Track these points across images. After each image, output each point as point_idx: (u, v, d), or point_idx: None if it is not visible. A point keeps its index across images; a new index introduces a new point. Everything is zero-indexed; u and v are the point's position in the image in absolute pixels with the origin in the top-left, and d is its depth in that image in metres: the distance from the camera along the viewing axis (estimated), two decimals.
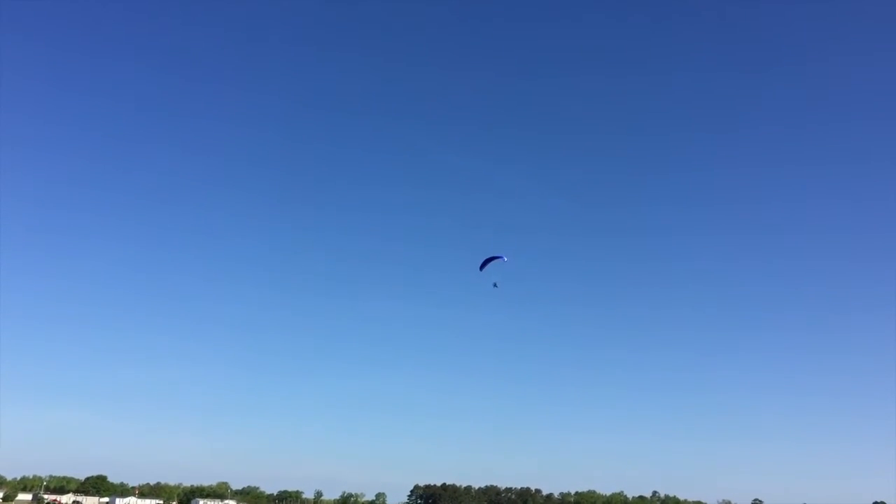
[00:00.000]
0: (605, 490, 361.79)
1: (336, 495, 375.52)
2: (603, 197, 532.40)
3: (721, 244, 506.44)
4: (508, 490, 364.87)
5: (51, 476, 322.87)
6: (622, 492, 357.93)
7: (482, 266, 45.37)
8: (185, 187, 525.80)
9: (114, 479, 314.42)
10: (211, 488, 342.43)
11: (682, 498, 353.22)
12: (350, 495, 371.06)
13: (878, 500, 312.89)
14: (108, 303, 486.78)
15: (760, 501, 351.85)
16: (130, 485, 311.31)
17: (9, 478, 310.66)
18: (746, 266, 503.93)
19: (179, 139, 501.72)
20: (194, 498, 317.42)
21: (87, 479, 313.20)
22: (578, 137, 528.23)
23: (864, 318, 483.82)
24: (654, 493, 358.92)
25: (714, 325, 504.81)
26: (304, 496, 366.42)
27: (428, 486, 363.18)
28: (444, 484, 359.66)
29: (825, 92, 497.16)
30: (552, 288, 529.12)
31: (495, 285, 47.30)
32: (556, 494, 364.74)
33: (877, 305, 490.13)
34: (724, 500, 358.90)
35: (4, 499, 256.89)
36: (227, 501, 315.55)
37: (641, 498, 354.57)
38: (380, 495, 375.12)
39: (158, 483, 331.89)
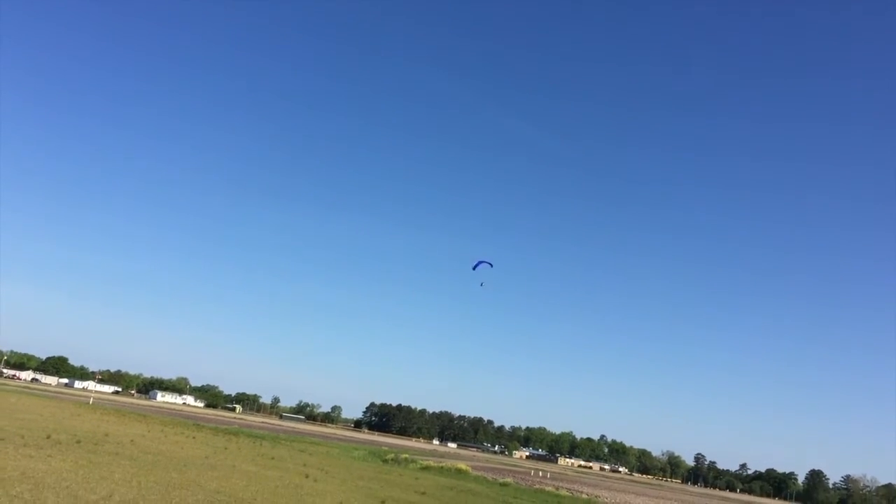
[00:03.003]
0: (556, 429, 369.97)
1: (293, 403, 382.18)
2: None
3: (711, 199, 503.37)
4: (461, 418, 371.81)
5: (11, 351, 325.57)
6: (571, 431, 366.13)
7: (474, 267, 50.93)
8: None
9: (74, 361, 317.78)
10: (170, 382, 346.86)
11: (628, 445, 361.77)
12: (306, 405, 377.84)
13: (815, 469, 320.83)
14: (88, 188, 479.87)
15: (702, 456, 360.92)
16: (91, 369, 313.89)
17: None
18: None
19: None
20: (153, 389, 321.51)
21: (48, 358, 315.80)
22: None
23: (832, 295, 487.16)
24: (602, 436, 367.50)
25: (680, 283, 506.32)
26: (261, 400, 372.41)
27: (383, 405, 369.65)
28: (400, 405, 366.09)
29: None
30: (524, 225, 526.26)
31: (482, 285, 52.70)
32: (507, 427, 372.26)
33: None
34: (667, 451, 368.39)
35: None
36: (185, 396, 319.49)
37: (589, 439, 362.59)
38: (336, 408, 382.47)
39: (119, 371, 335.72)
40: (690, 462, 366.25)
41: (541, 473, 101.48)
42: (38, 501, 16.13)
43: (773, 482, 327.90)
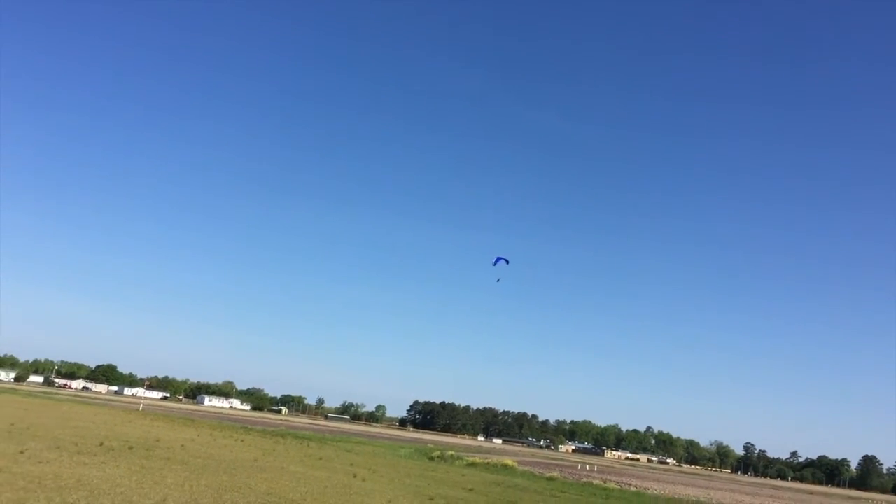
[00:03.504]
0: (601, 422, 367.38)
1: (337, 403, 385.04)
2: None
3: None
4: (506, 413, 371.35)
5: (62, 361, 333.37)
6: (617, 424, 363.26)
7: (495, 262, 52.80)
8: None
9: (123, 369, 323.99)
10: (217, 386, 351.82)
11: (675, 436, 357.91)
12: (351, 405, 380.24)
13: (868, 454, 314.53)
14: (131, 196, 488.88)
15: (752, 445, 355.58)
16: (139, 376, 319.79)
17: (21, 360, 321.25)
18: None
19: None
20: (200, 394, 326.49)
21: (98, 367, 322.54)
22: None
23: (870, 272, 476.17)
24: (649, 428, 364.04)
25: (719, 268, 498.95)
26: (306, 401, 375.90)
27: (427, 403, 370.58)
28: (443, 402, 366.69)
29: None
30: (558, 217, 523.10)
31: (498, 280, 54.45)
32: (552, 421, 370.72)
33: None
34: (715, 441, 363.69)
35: (16, 379, 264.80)
36: (231, 400, 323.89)
37: (636, 431, 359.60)
38: (380, 407, 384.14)
39: (166, 377, 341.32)
40: (739, 451, 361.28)
41: (587, 467, 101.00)
42: None
43: (826, 469, 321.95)
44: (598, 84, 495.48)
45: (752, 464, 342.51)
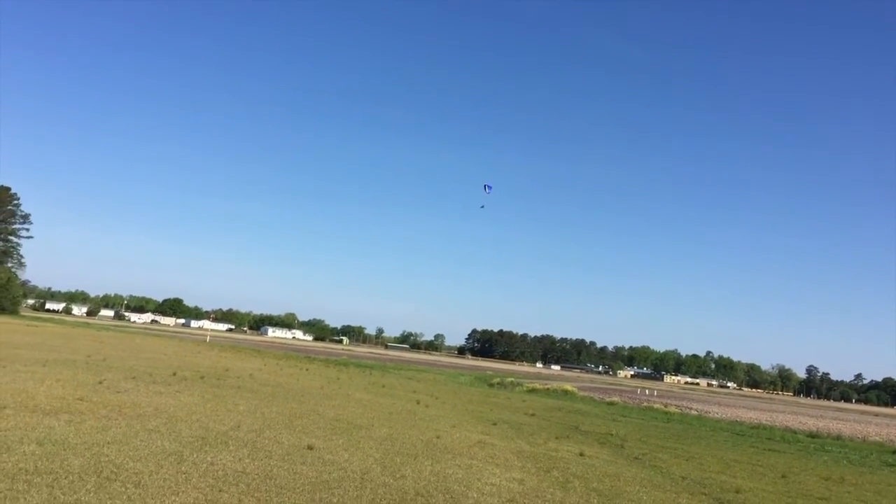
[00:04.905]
0: (660, 347, 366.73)
1: (397, 333, 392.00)
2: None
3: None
4: (563, 340, 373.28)
5: (131, 296, 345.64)
6: (676, 349, 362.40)
7: (486, 188, 53.36)
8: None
9: (189, 302, 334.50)
10: (279, 318, 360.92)
11: (735, 359, 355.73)
12: (410, 334, 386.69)
13: None
14: (186, 136, 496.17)
15: (815, 368, 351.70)
16: (204, 309, 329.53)
17: (92, 294, 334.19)
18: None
19: None
20: (263, 325, 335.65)
21: (165, 300, 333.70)
22: None
23: None
24: (708, 352, 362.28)
25: (781, 192, 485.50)
26: (366, 331, 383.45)
27: (485, 331, 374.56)
28: (501, 330, 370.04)
29: None
30: (612, 138, 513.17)
31: (482, 207, 54.44)
32: (610, 347, 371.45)
33: None
34: (777, 365, 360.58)
35: (88, 314, 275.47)
36: (294, 330, 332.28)
37: (695, 356, 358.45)
38: (438, 336, 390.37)
39: (230, 309, 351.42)
40: (802, 375, 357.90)
41: (647, 391, 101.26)
42: (174, 434, 17.06)
43: (891, 391, 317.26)
44: None
45: (815, 386, 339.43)
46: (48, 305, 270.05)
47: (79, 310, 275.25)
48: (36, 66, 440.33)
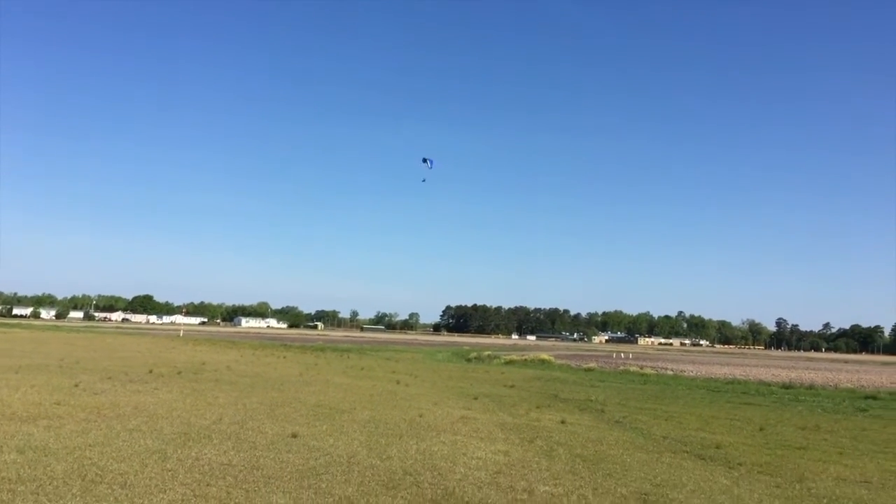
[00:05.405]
0: (632, 311, 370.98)
1: (371, 315, 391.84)
2: None
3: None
4: (537, 310, 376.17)
5: (99, 295, 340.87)
6: (648, 312, 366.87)
7: (427, 162, 51.91)
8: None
9: (159, 298, 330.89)
10: (252, 307, 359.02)
11: (706, 318, 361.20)
12: (385, 314, 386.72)
13: None
14: (150, 129, 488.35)
15: (784, 320, 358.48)
16: (175, 304, 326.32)
17: (60, 297, 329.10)
18: None
19: None
20: (237, 316, 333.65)
21: (135, 298, 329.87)
22: None
23: None
24: (680, 312, 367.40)
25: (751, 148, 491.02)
26: (340, 315, 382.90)
27: (459, 307, 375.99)
28: (475, 305, 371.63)
29: None
30: (581, 105, 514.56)
31: (424, 181, 53.24)
32: (583, 314, 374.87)
33: None
34: (747, 320, 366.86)
35: (57, 316, 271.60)
36: (268, 319, 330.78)
37: (667, 317, 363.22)
38: (413, 315, 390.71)
39: (202, 302, 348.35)
40: (772, 328, 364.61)
41: (623, 355, 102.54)
42: (156, 431, 16.97)
43: (859, 338, 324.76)
44: None
45: (785, 338, 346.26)
46: (15, 311, 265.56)
47: (47, 313, 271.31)
48: None
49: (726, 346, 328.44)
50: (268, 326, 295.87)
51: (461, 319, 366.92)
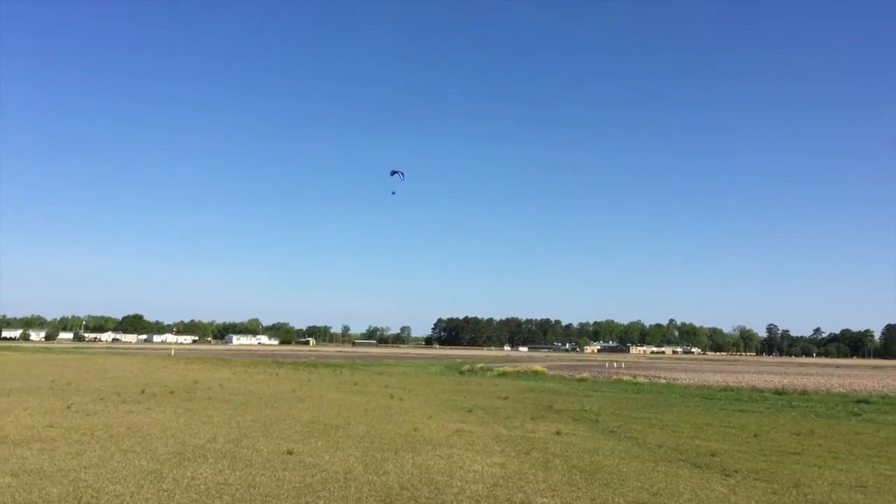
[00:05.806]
0: (623, 320, 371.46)
1: (363, 329, 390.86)
2: None
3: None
4: (529, 321, 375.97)
5: (89, 316, 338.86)
6: (639, 320, 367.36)
7: (396, 174, 51.26)
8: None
9: (149, 318, 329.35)
10: (243, 325, 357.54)
11: (698, 325, 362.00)
12: (376, 329, 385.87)
13: (892, 323, 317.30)
14: (134, 149, 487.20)
15: (775, 326, 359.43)
16: (166, 322, 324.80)
17: (49, 318, 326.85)
18: None
19: None
20: (228, 334, 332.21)
21: (125, 318, 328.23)
22: None
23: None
24: (671, 320, 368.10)
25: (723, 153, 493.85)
26: (332, 330, 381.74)
27: (451, 320, 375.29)
28: (467, 317, 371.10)
29: None
30: (569, 119, 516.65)
31: (393, 193, 52.79)
32: (575, 325, 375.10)
33: None
34: (738, 326, 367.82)
35: (47, 338, 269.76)
36: (259, 336, 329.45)
37: (658, 326, 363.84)
38: (405, 328, 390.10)
39: (192, 321, 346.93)
40: (763, 334, 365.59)
41: (615, 364, 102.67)
42: (150, 452, 16.89)
43: (850, 342, 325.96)
44: None
45: (776, 344, 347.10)
46: (4, 333, 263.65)
47: (36, 335, 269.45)
48: None
49: (718, 353, 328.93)
50: (259, 343, 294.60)
51: (453, 332, 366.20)
